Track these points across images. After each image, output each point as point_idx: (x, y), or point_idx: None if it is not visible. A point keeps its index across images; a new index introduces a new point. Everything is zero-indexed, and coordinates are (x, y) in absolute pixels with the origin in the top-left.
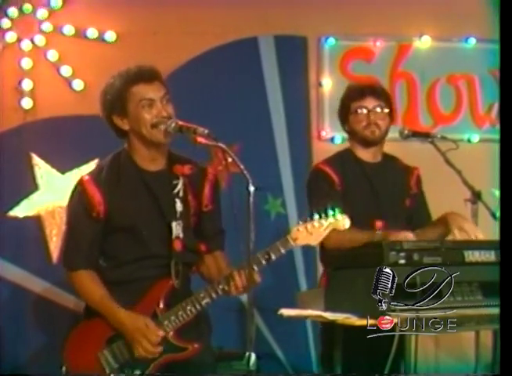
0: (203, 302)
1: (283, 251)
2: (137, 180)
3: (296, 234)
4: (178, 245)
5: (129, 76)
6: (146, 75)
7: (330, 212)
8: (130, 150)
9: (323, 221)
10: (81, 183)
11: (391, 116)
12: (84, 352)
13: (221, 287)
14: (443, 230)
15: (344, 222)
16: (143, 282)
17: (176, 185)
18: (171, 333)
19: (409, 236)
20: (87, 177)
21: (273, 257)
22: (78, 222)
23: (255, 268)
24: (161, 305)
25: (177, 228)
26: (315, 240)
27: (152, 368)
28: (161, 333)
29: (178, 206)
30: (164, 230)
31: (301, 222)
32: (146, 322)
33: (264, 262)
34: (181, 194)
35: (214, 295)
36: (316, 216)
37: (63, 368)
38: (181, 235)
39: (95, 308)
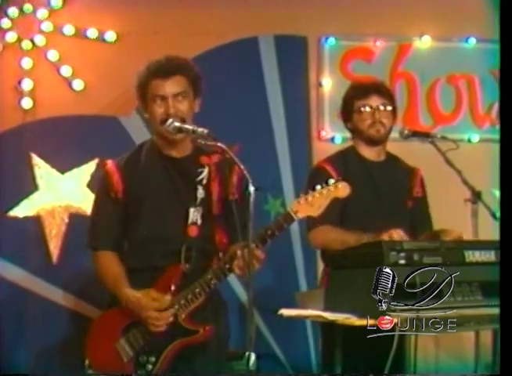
0: (212, 283)
1: (285, 225)
2: (157, 164)
3: (297, 207)
4: (193, 231)
5: (151, 68)
6: (164, 70)
7: (331, 181)
8: (154, 137)
9: (324, 190)
10: (102, 166)
11: (394, 114)
12: (103, 343)
13: (227, 266)
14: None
15: (344, 189)
16: (158, 269)
17: (201, 173)
18: (183, 316)
19: (401, 233)
20: (109, 160)
21: (276, 232)
22: (98, 203)
23: (259, 245)
24: (172, 289)
25: (195, 214)
26: (316, 211)
27: (166, 353)
28: (167, 298)
29: (200, 193)
30: (180, 216)
31: (302, 194)
32: (147, 294)
33: (268, 238)
34: (204, 182)
35: (221, 276)
36: (318, 186)
37: (86, 362)
38: (199, 221)
39: (109, 289)
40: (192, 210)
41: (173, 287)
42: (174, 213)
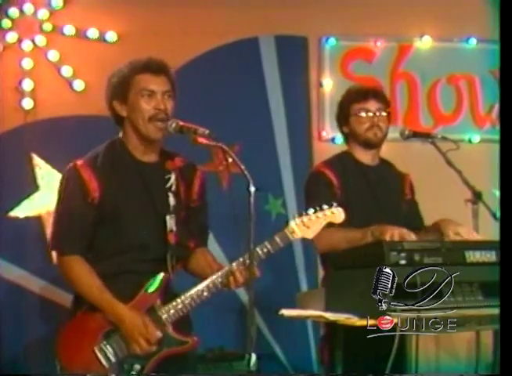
0: (203, 296)
1: (281, 244)
2: (132, 170)
3: (293, 228)
4: (172, 238)
5: (137, 65)
6: (154, 67)
7: (326, 206)
8: (124, 139)
9: (319, 214)
10: (75, 168)
11: (389, 119)
12: (79, 347)
13: (220, 280)
14: (437, 236)
15: (340, 215)
16: (135, 275)
17: (169, 179)
18: (171, 327)
19: (406, 233)
20: (81, 162)
21: (272, 250)
22: (73, 207)
23: (254, 261)
24: (159, 300)
25: (170, 222)
26: (311, 233)
27: (152, 362)
28: (159, 334)
29: (171, 200)
30: (157, 223)
31: (297, 216)
32: (144, 320)
33: (263, 255)
34: (173, 188)
35: (214, 289)
36: (312, 210)
37: (58, 367)
38: (174, 229)
39: (90, 299)
40: (168, 217)
41: (159, 300)
42: (152, 220)
